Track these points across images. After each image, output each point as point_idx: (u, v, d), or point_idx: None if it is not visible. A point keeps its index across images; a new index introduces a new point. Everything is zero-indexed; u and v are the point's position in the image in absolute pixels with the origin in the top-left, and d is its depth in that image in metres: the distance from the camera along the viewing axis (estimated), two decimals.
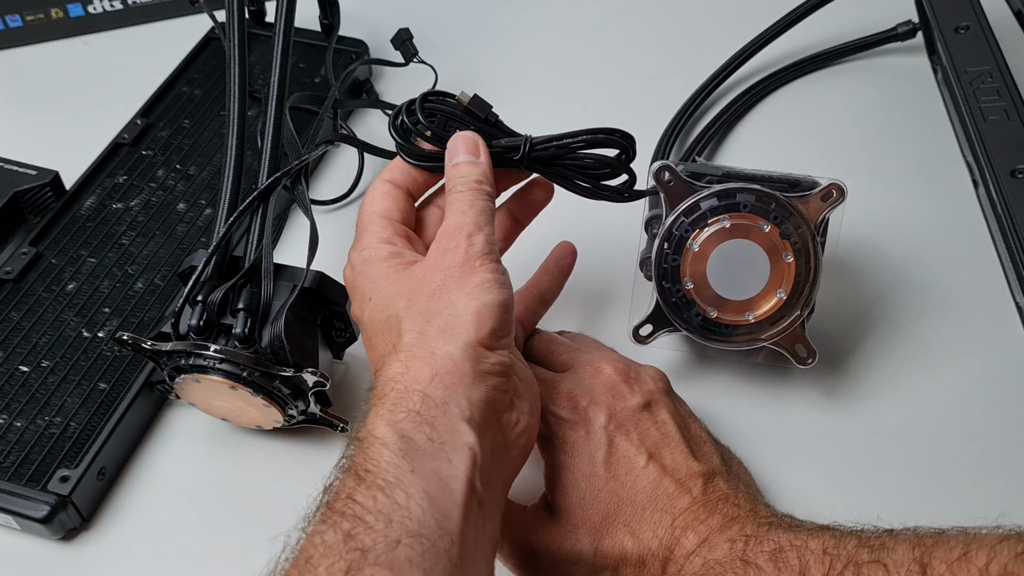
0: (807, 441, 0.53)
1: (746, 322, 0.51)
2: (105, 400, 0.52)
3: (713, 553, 0.41)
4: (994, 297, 0.60)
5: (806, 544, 0.40)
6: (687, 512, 0.42)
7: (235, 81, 0.54)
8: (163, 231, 0.61)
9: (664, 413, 0.46)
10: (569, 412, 0.45)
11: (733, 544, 0.41)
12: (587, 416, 0.45)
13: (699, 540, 0.41)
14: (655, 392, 0.47)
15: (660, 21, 0.82)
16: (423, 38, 0.74)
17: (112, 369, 0.54)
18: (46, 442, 0.50)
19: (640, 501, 0.43)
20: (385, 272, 0.44)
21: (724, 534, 0.41)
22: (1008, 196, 0.55)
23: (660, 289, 0.52)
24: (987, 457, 0.53)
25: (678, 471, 0.44)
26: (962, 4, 0.65)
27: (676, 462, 0.44)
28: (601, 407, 0.45)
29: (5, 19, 0.77)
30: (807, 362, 0.53)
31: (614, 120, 0.71)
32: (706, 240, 0.50)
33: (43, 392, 0.53)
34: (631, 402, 0.45)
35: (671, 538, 0.42)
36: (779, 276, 0.50)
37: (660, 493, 0.43)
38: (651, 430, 0.45)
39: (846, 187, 0.50)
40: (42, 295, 0.57)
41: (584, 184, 0.49)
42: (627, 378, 0.46)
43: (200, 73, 0.73)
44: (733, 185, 0.50)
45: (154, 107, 0.70)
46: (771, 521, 0.42)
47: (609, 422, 0.44)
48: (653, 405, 0.46)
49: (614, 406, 0.45)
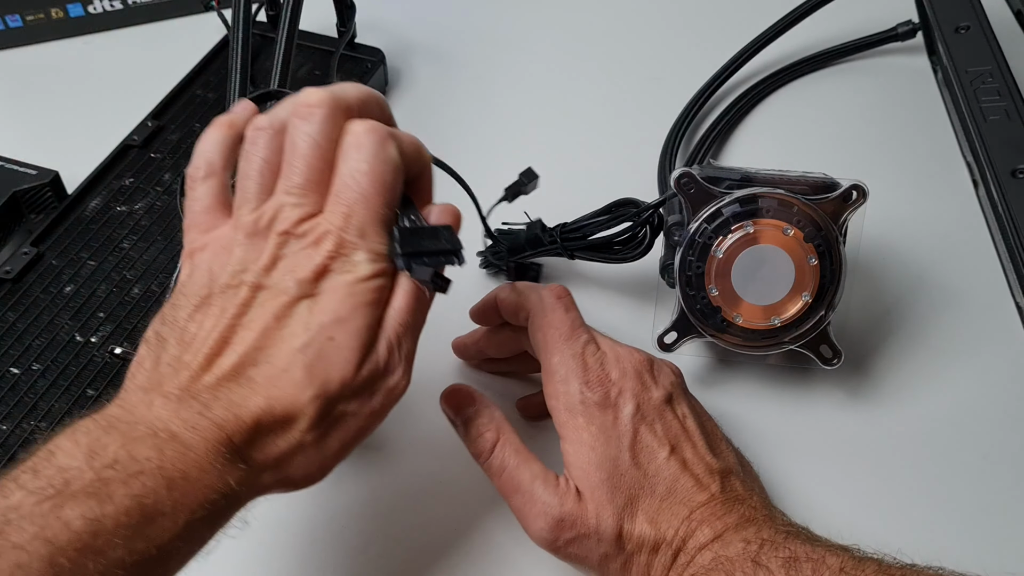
0: (834, 443, 0.54)
1: (772, 326, 0.51)
2: (91, 408, 0.52)
3: (725, 550, 0.41)
4: (994, 297, 0.60)
5: (823, 559, 0.40)
6: (704, 507, 0.43)
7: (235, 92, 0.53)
8: (164, 236, 0.61)
9: (684, 407, 0.46)
10: (600, 396, 0.44)
11: (747, 544, 0.41)
12: (616, 403, 0.44)
13: (713, 535, 0.42)
14: (674, 387, 0.47)
15: (660, 22, 0.82)
16: (434, 43, 0.75)
17: (101, 376, 0.53)
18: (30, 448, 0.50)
19: (660, 492, 0.43)
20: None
21: (739, 533, 0.42)
22: (1008, 196, 0.55)
23: (684, 296, 0.52)
24: (988, 457, 0.53)
25: (697, 467, 0.44)
26: (962, 4, 0.65)
27: (696, 457, 0.44)
28: (629, 395, 0.45)
29: (5, 19, 0.77)
30: (832, 363, 0.53)
31: (614, 120, 0.72)
32: (730, 247, 0.50)
33: (31, 396, 0.52)
34: (655, 394, 0.45)
35: (687, 530, 0.42)
36: (804, 279, 0.50)
37: (679, 486, 0.43)
38: (673, 424, 0.45)
39: (867, 188, 0.50)
40: (39, 296, 0.57)
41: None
42: (650, 370, 0.46)
43: (216, 76, 0.72)
44: (755, 190, 0.50)
45: (166, 109, 0.70)
46: (788, 530, 0.42)
47: (636, 412, 0.44)
48: (674, 399, 0.46)
49: (640, 395, 0.45)
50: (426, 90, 0.76)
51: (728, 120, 0.72)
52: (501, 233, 0.59)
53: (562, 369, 0.45)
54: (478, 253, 0.61)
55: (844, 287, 0.51)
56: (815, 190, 0.51)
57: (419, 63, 0.77)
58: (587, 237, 0.56)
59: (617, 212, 0.56)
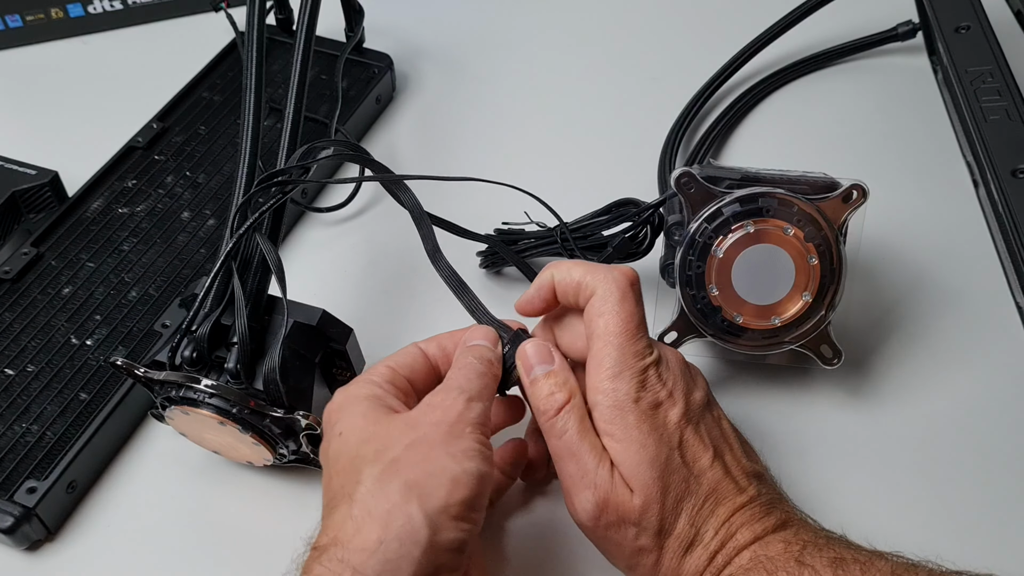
0: (834, 443, 0.54)
1: (772, 326, 0.51)
2: (84, 411, 0.52)
3: (765, 550, 0.41)
4: (994, 297, 0.60)
5: (871, 561, 0.40)
6: (744, 510, 0.43)
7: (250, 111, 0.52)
8: (164, 239, 0.61)
9: (718, 409, 0.46)
10: (654, 399, 0.44)
11: (788, 545, 0.41)
12: (666, 404, 0.44)
13: (753, 537, 0.42)
14: (708, 388, 0.47)
15: (660, 22, 0.82)
16: (440, 48, 0.76)
17: (94, 380, 0.53)
18: (20, 450, 0.50)
19: (704, 492, 0.43)
20: (364, 411, 0.42)
21: (778, 535, 0.42)
22: (1009, 196, 0.55)
23: (685, 296, 0.52)
24: (988, 457, 0.53)
25: (736, 469, 0.44)
26: (962, 4, 0.65)
27: (734, 460, 0.45)
28: (679, 396, 0.44)
29: (5, 19, 0.77)
30: (833, 362, 0.53)
31: (615, 121, 0.72)
32: (730, 246, 0.50)
33: (24, 398, 0.52)
34: (697, 396, 0.45)
35: (726, 532, 0.42)
36: (804, 279, 0.50)
37: (721, 488, 0.43)
38: (714, 428, 0.45)
39: (867, 187, 0.50)
40: (37, 297, 0.57)
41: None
42: (689, 369, 0.46)
43: (223, 79, 0.72)
44: (755, 190, 0.50)
45: (172, 111, 0.70)
46: (828, 534, 0.43)
47: (684, 414, 0.44)
48: (711, 401, 0.46)
49: (687, 397, 0.45)
50: (432, 94, 0.76)
51: (728, 120, 0.72)
52: (501, 232, 0.59)
53: (617, 365, 0.43)
54: (478, 253, 0.61)
55: (844, 287, 0.51)
56: (815, 190, 0.51)
57: (426, 67, 0.78)
58: (587, 237, 0.56)
59: (617, 212, 0.56)
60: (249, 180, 0.51)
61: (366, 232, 0.65)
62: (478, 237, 0.54)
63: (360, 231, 0.65)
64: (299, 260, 0.63)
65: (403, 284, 0.62)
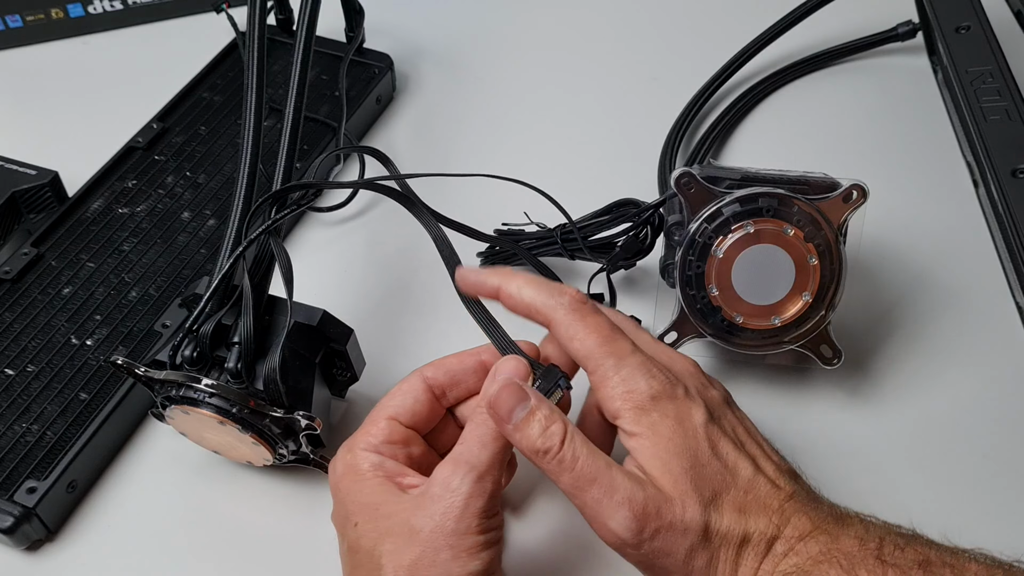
0: (834, 443, 0.54)
1: (772, 326, 0.51)
2: (84, 411, 0.52)
3: (837, 543, 0.40)
4: (994, 297, 0.60)
5: (962, 564, 0.38)
6: (791, 500, 0.41)
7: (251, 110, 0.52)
8: (164, 240, 0.61)
9: (738, 409, 0.46)
10: (668, 388, 0.43)
11: (863, 542, 0.39)
12: (683, 397, 0.43)
13: (812, 525, 0.40)
14: (726, 391, 0.46)
15: (660, 22, 0.82)
16: (440, 48, 0.76)
17: (94, 380, 0.53)
18: (20, 449, 0.50)
19: (742, 484, 0.41)
20: (371, 490, 0.42)
21: (844, 529, 0.40)
22: (1009, 196, 0.55)
23: (685, 296, 0.52)
24: (988, 457, 0.53)
25: (767, 466, 0.43)
26: (962, 4, 0.65)
27: (764, 456, 0.44)
28: (695, 391, 0.43)
29: (5, 19, 0.77)
30: (833, 362, 0.53)
31: (615, 121, 0.72)
32: (730, 246, 0.50)
33: (25, 398, 0.52)
34: (714, 393, 0.45)
35: (780, 519, 0.41)
36: (804, 279, 0.50)
37: (758, 482, 0.42)
38: (737, 425, 0.44)
39: (867, 187, 0.50)
40: (37, 297, 0.57)
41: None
42: (701, 372, 0.46)
43: (223, 79, 0.72)
44: (755, 190, 0.50)
45: (172, 111, 0.69)
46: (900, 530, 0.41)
47: (705, 408, 0.43)
48: (729, 401, 0.46)
49: (704, 393, 0.44)
50: (433, 94, 0.76)
51: (728, 120, 0.72)
52: (502, 233, 0.59)
53: (622, 371, 0.42)
54: (478, 254, 0.61)
55: (844, 287, 0.51)
56: (815, 190, 0.51)
57: (426, 67, 0.78)
58: (588, 237, 0.56)
59: (617, 212, 0.56)
60: (250, 180, 0.51)
61: (366, 232, 0.65)
62: (487, 237, 0.54)
63: (360, 231, 0.65)
64: (299, 260, 0.62)
65: (404, 284, 0.62)
